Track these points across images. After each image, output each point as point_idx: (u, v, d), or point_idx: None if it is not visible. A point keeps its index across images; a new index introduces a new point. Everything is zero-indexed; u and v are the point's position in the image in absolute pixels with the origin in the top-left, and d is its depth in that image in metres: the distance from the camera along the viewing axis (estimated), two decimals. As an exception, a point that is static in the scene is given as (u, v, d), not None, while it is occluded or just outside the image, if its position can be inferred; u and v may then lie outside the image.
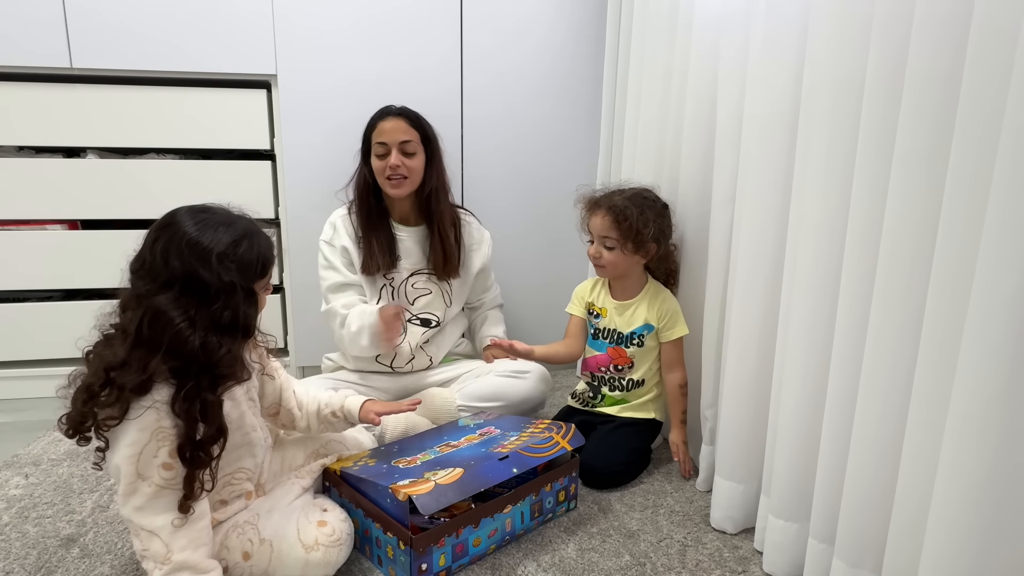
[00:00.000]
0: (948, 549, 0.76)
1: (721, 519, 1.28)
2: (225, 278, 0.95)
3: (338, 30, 1.88)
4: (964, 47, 0.75)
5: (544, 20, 1.99)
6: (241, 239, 0.99)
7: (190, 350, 0.92)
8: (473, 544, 1.15)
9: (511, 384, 1.65)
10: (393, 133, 1.59)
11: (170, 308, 0.92)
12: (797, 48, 1.08)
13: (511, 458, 1.20)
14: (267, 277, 1.05)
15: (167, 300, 0.92)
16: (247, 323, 0.99)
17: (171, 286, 0.93)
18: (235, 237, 0.99)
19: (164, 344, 0.91)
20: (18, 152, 1.88)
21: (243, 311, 0.98)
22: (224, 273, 0.95)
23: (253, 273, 1.00)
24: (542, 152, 2.07)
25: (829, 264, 1.00)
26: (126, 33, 1.79)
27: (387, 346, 1.55)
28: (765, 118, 1.15)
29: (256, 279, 1.02)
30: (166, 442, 0.93)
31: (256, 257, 1.01)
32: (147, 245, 0.97)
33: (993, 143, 0.70)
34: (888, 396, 0.89)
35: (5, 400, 1.92)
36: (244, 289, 0.98)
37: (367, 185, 1.64)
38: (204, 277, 0.94)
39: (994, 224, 0.69)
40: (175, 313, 0.92)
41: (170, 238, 0.95)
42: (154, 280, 0.94)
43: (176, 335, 0.92)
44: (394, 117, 1.61)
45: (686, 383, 1.53)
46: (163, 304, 0.92)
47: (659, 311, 1.52)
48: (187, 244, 0.94)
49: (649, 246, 1.49)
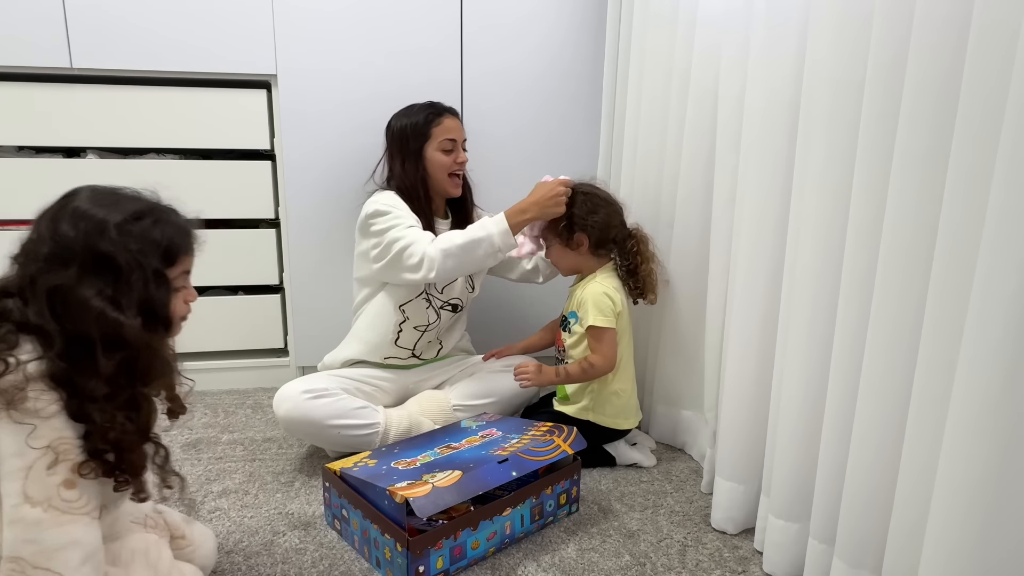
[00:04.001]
0: (948, 549, 0.76)
1: (721, 519, 1.28)
2: (132, 247, 0.81)
3: (338, 30, 1.88)
4: (964, 46, 0.75)
5: (544, 19, 1.99)
6: (143, 214, 0.85)
7: (127, 335, 0.79)
8: (471, 547, 1.14)
9: (503, 380, 1.66)
10: (459, 131, 1.64)
11: (80, 287, 0.78)
12: (797, 47, 1.08)
13: (511, 461, 1.20)
14: (177, 267, 0.88)
15: (72, 278, 0.78)
16: (164, 313, 0.84)
17: (69, 264, 0.79)
18: (137, 210, 0.84)
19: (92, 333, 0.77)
20: (18, 152, 1.88)
21: (156, 296, 0.83)
22: (129, 243, 0.81)
23: (157, 253, 0.84)
24: (542, 153, 2.06)
25: (829, 264, 1.00)
26: (126, 33, 1.78)
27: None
28: (765, 118, 1.15)
29: (162, 263, 0.85)
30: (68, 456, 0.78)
31: (160, 237, 0.84)
32: (39, 224, 0.83)
33: (993, 143, 0.70)
34: (888, 396, 0.89)
35: (5, 400, 1.91)
36: (153, 270, 0.83)
37: (423, 180, 1.61)
38: (105, 249, 0.79)
39: (994, 223, 0.69)
40: (89, 293, 0.78)
41: (61, 208, 0.82)
42: (50, 260, 0.79)
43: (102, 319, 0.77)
44: (453, 116, 1.65)
45: (592, 365, 1.46)
46: (70, 282, 0.78)
47: (578, 299, 1.52)
48: (81, 215, 0.81)
49: (577, 237, 1.50)
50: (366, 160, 1.72)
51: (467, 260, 1.46)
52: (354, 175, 1.84)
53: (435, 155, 1.61)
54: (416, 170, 1.60)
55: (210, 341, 2.02)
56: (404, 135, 1.62)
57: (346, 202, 1.88)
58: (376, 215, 1.53)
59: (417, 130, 1.61)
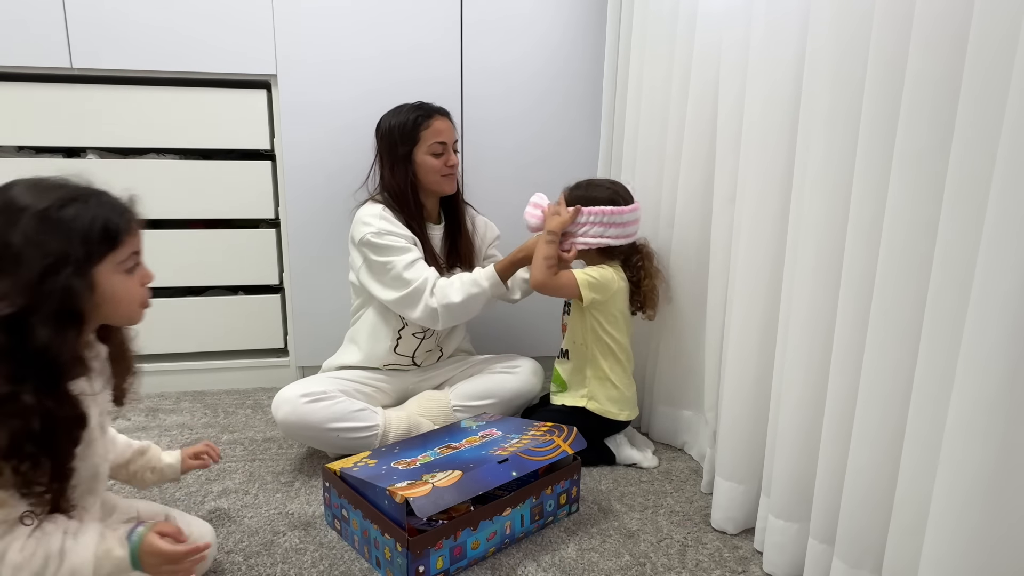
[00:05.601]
0: (948, 549, 0.76)
1: (721, 519, 1.28)
2: (39, 238, 0.78)
3: (338, 29, 1.88)
4: (964, 44, 0.74)
5: (544, 18, 1.99)
6: (70, 200, 0.82)
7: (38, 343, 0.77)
8: (471, 547, 1.14)
9: (503, 380, 1.67)
10: (449, 133, 1.62)
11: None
12: (797, 46, 1.08)
13: (511, 461, 1.20)
14: (117, 250, 0.85)
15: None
16: (72, 304, 0.81)
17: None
18: (62, 197, 0.82)
19: None
20: (18, 152, 1.88)
21: (67, 286, 0.79)
22: (39, 233, 0.78)
23: (86, 239, 0.82)
24: (543, 153, 2.06)
25: (829, 264, 1.00)
26: (126, 33, 1.78)
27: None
28: (765, 117, 1.15)
29: (95, 248, 0.83)
30: None
31: (90, 221, 0.82)
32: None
33: (993, 140, 0.70)
34: (888, 396, 0.89)
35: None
36: (72, 259, 0.80)
37: (412, 185, 1.60)
38: (12, 240, 0.77)
39: (994, 222, 0.69)
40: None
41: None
42: None
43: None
44: (443, 117, 1.63)
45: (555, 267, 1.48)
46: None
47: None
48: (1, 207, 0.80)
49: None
50: (366, 159, 1.72)
51: (467, 313, 1.55)
52: (354, 175, 1.83)
53: (425, 159, 1.59)
54: (406, 175, 1.58)
55: (210, 341, 2.02)
56: (392, 139, 1.60)
57: (346, 202, 1.87)
58: (373, 248, 1.52)
59: (405, 133, 1.58)
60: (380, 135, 1.63)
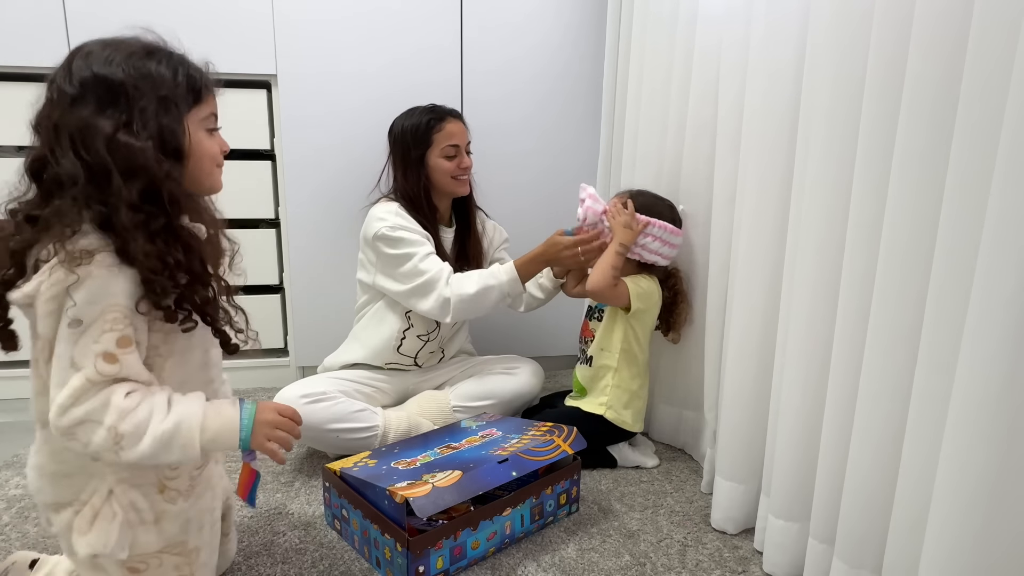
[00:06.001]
0: (948, 549, 0.76)
1: (721, 519, 1.28)
2: (136, 72, 0.80)
3: (338, 30, 1.88)
4: (964, 44, 0.74)
5: (544, 19, 1.99)
6: (154, 50, 0.84)
7: (143, 163, 0.77)
8: (471, 547, 1.14)
9: (503, 381, 1.67)
10: (462, 135, 1.62)
11: (95, 119, 0.77)
12: (797, 46, 1.08)
13: (511, 461, 1.20)
14: (200, 105, 0.88)
15: (86, 113, 0.78)
16: (178, 142, 0.82)
17: (84, 99, 0.79)
18: (147, 46, 0.85)
19: (110, 164, 0.76)
20: (18, 152, 1.88)
21: (167, 126, 0.81)
22: (135, 69, 0.81)
23: (175, 87, 0.83)
24: (543, 153, 2.06)
25: (829, 263, 1.00)
26: (126, 33, 1.78)
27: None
28: (765, 117, 1.15)
29: (183, 97, 0.85)
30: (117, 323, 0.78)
31: (175, 72, 0.84)
32: (51, 82, 0.84)
33: (993, 141, 0.70)
34: (888, 396, 0.89)
35: (5, 400, 1.91)
36: (165, 100, 0.82)
37: (425, 188, 1.59)
38: (113, 74, 0.79)
39: (994, 222, 0.69)
40: (105, 123, 0.77)
41: (72, 57, 0.82)
42: (63, 103, 0.80)
43: (112, 144, 0.77)
44: (456, 119, 1.62)
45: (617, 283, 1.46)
46: (87, 118, 0.78)
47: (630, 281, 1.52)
48: (84, 53, 0.82)
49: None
50: (367, 159, 1.72)
51: (479, 307, 1.51)
52: (354, 174, 1.84)
53: (438, 162, 1.59)
54: (419, 178, 1.58)
55: (210, 341, 2.02)
56: (405, 142, 1.59)
57: (346, 202, 1.88)
58: (388, 241, 1.51)
59: (418, 137, 1.58)
60: (393, 138, 1.63)
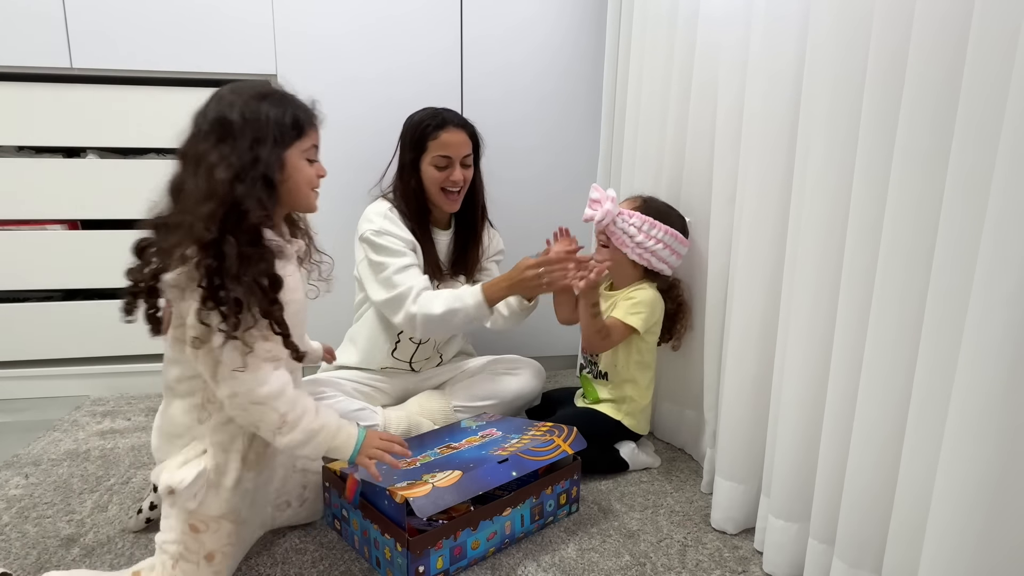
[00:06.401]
0: (948, 549, 0.76)
1: (721, 519, 1.28)
2: (248, 115, 0.97)
3: (338, 30, 1.88)
4: (964, 45, 0.74)
5: (544, 19, 1.99)
6: (269, 95, 1.01)
7: (224, 190, 0.94)
8: (472, 547, 1.14)
9: (504, 381, 1.66)
10: (459, 148, 1.54)
11: (209, 152, 0.96)
12: (797, 46, 1.08)
13: (511, 461, 1.20)
14: (302, 139, 1.04)
15: (207, 147, 0.97)
16: (268, 172, 0.98)
17: (208, 136, 0.98)
18: (262, 92, 1.01)
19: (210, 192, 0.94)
20: (18, 152, 1.88)
21: (266, 158, 0.98)
22: (248, 113, 0.98)
23: (280, 125, 1.00)
24: (543, 153, 2.06)
25: (829, 263, 1.00)
26: (126, 33, 1.79)
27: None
28: (765, 117, 1.15)
29: (287, 133, 1.01)
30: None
31: (283, 113, 1.01)
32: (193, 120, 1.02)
33: (993, 141, 0.70)
34: (888, 396, 0.89)
35: (5, 400, 1.92)
36: (270, 138, 0.99)
37: (418, 193, 1.57)
38: (230, 116, 0.97)
39: (994, 222, 0.69)
40: (213, 156, 0.95)
41: (208, 101, 1.02)
42: (198, 138, 0.99)
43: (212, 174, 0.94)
44: (457, 128, 1.54)
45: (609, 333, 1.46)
46: (203, 150, 0.96)
47: (626, 295, 1.52)
48: (218, 96, 1.01)
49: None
50: (366, 159, 1.71)
51: (445, 327, 1.49)
52: (354, 174, 1.83)
53: (428, 169, 1.55)
54: (411, 180, 1.56)
55: (210, 341, 2.01)
56: (405, 141, 1.58)
57: (346, 202, 1.87)
58: (370, 245, 1.50)
59: (415, 140, 1.55)
60: (401, 133, 1.60)
